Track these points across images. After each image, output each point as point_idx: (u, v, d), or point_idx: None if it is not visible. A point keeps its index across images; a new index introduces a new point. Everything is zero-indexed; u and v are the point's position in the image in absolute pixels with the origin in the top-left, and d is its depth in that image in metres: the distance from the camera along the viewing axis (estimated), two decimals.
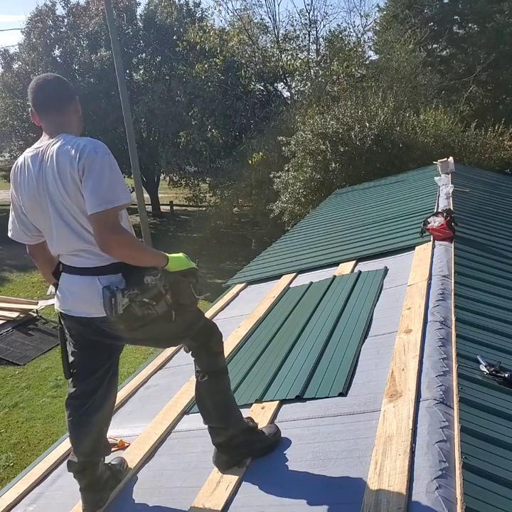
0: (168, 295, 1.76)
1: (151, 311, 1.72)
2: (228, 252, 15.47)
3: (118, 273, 1.72)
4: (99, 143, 1.68)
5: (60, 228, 1.72)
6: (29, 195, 1.74)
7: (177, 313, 1.80)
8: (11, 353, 8.12)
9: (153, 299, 1.71)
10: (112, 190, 1.63)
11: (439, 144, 10.85)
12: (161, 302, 1.73)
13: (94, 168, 1.61)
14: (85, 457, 1.87)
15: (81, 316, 1.76)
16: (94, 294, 1.70)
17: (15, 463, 5.43)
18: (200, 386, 1.98)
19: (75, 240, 1.71)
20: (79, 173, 1.61)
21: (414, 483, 1.53)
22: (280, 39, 17.12)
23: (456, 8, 17.79)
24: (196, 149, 15.87)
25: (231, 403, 2.02)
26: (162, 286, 1.74)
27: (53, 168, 1.65)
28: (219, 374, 1.98)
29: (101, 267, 1.72)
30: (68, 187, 1.64)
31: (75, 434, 1.87)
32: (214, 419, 1.97)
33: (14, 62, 19.01)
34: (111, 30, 10.72)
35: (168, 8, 18.52)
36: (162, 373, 3.22)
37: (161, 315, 1.74)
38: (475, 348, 2.32)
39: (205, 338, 1.96)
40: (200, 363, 1.98)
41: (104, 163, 1.63)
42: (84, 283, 1.74)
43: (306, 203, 10.72)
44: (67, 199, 1.66)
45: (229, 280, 5.13)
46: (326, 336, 2.82)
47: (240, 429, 1.97)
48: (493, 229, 4.55)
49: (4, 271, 13.52)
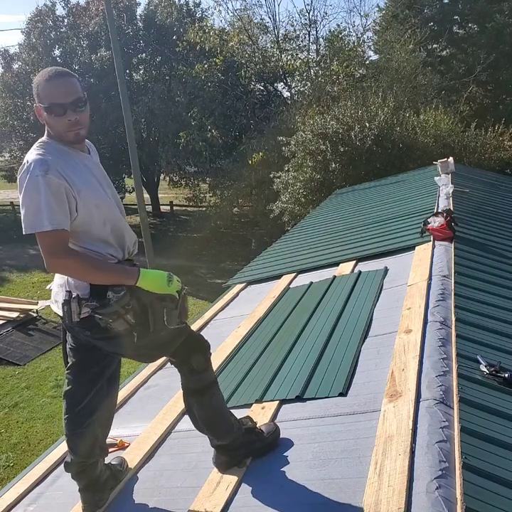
0: (129, 315, 1.66)
1: (110, 326, 1.66)
2: (228, 252, 15.47)
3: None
4: (40, 162, 1.59)
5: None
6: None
7: (139, 334, 1.70)
8: (11, 353, 8.12)
9: (108, 316, 1.64)
10: (35, 215, 1.57)
11: (439, 144, 10.85)
12: (120, 321, 1.66)
13: (22, 190, 1.59)
14: (80, 458, 1.86)
15: (59, 315, 1.80)
16: (60, 297, 1.74)
17: (15, 463, 5.43)
18: (187, 400, 1.96)
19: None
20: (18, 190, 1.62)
21: (414, 483, 1.53)
22: (280, 39, 17.12)
23: (456, 8, 17.79)
24: (196, 149, 15.86)
25: (219, 416, 1.95)
26: (123, 305, 1.65)
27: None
28: (204, 392, 1.91)
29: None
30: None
31: (70, 433, 1.85)
32: (203, 430, 1.97)
33: (14, 62, 19.01)
34: (111, 30, 10.72)
35: (168, 8, 18.52)
36: (162, 373, 3.21)
37: (121, 332, 1.67)
38: (475, 348, 2.32)
39: (185, 356, 1.88)
40: (184, 379, 1.93)
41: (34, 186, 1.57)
42: (58, 284, 1.79)
43: (306, 203, 10.72)
44: None
45: (229, 280, 5.13)
46: (326, 336, 2.82)
47: (232, 438, 1.94)
48: (493, 229, 4.55)
49: (4, 271, 13.52)
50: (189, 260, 14.08)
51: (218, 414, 1.95)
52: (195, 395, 1.92)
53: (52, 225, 1.57)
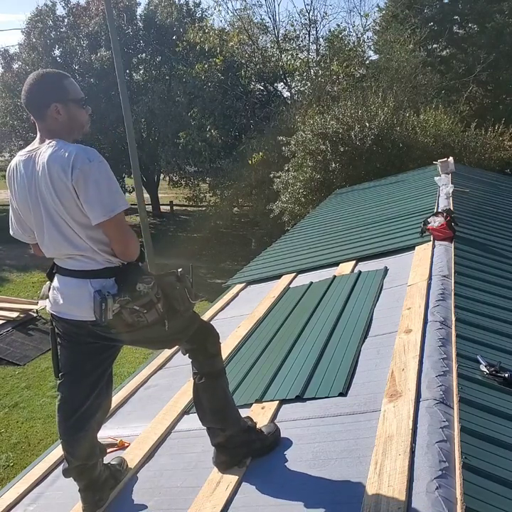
0: (159, 304, 1.74)
1: (141, 318, 1.70)
2: (228, 252, 15.47)
3: (111, 278, 1.71)
4: (91, 150, 1.65)
5: (52, 234, 1.71)
6: (21, 199, 1.74)
7: (169, 320, 1.78)
8: (11, 353, 8.12)
9: (143, 307, 1.69)
10: (113, 197, 1.64)
11: (439, 144, 10.85)
12: (152, 311, 1.71)
13: (91, 178, 1.59)
14: (80, 461, 1.86)
15: (73, 319, 1.75)
16: (85, 298, 1.68)
17: (15, 463, 5.43)
18: (197, 387, 1.98)
19: (67, 246, 1.71)
20: (73, 183, 1.59)
21: (414, 483, 1.53)
22: (280, 39, 17.12)
23: (456, 8, 17.79)
24: (196, 149, 15.86)
25: (229, 404, 2.00)
26: (154, 294, 1.72)
27: (46, 176, 1.62)
28: (216, 375, 1.97)
29: (94, 271, 1.71)
30: (62, 197, 1.62)
31: (69, 438, 1.84)
32: (211, 421, 1.97)
33: (14, 62, 19.02)
34: (111, 30, 10.72)
35: (168, 8, 18.52)
36: (162, 373, 3.21)
37: (151, 323, 1.73)
38: (475, 348, 2.32)
39: (201, 340, 1.95)
40: (197, 365, 1.97)
41: (100, 171, 1.61)
42: (76, 286, 1.73)
43: (306, 203, 10.72)
44: (60, 208, 1.64)
45: (229, 280, 5.13)
46: (326, 335, 2.82)
47: (238, 430, 1.97)
48: (493, 229, 4.55)
49: (4, 271, 13.52)
50: (189, 260, 14.05)
51: (229, 401, 2.01)
52: (209, 379, 1.95)
53: (126, 204, 1.68)
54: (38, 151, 1.69)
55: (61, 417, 1.85)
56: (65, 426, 1.84)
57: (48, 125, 1.73)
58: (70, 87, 1.76)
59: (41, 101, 1.71)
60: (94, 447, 1.91)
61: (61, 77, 1.77)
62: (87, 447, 1.86)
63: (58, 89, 1.74)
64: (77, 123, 1.80)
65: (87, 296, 1.68)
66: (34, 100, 1.73)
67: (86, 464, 1.88)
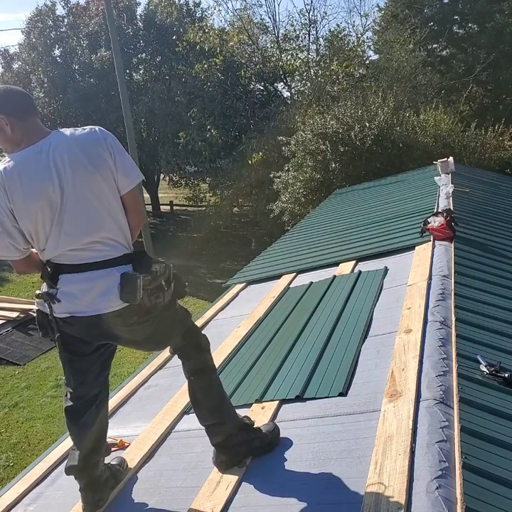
0: (173, 283, 1.86)
1: (159, 299, 1.78)
2: (228, 252, 15.47)
3: (129, 263, 1.77)
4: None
5: (80, 218, 1.68)
6: (33, 199, 1.63)
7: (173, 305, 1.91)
8: (11, 353, 8.12)
9: (163, 286, 1.79)
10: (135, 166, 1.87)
11: (439, 144, 10.85)
12: (169, 289, 1.83)
13: (119, 147, 1.78)
14: (87, 458, 1.86)
15: (91, 315, 1.70)
16: (113, 285, 1.70)
17: (15, 463, 5.43)
18: (193, 387, 2.00)
19: (96, 229, 1.71)
20: (110, 153, 1.74)
21: (414, 483, 1.53)
22: (280, 39, 17.11)
23: (456, 8, 17.79)
24: (196, 149, 15.87)
25: (225, 399, 2.04)
26: (169, 273, 1.84)
27: (76, 154, 1.68)
28: (209, 371, 2.02)
29: (116, 259, 1.75)
30: (102, 169, 1.72)
31: (82, 436, 1.85)
32: (210, 417, 1.97)
33: (14, 62, 19.02)
34: (111, 30, 10.72)
35: (168, 8, 18.51)
36: (162, 373, 3.22)
37: (166, 305, 1.82)
38: (475, 348, 2.32)
39: (195, 335, 2.03)
40: (189, 364, 2.01)
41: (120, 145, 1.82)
42: (101, 276, 1.71)
43: (306, 203, 10.72)
44: (99, 181, 1.71)
45: (229, 280, 5.13)
46: (326, 335, 2.82)
47: (236, 426, 1.98)
48: (493, 229, 4.55)
49: (4, 271, 13.51)
50: (189, 260, 14.08)
51: (224, 396, 2.05)
52: (203, 375, 1.99)
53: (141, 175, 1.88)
54: (44, 144, 1.67)
55: (75, 416, 1.86)
56: (80, 424, 1.86)
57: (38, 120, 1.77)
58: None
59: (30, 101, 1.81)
60: (101, 443, 1.92)
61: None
62: (95, 443, 1.88)
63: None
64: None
65: (115, 283, 1.70)
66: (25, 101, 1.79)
67: (90, 458, 1.87)
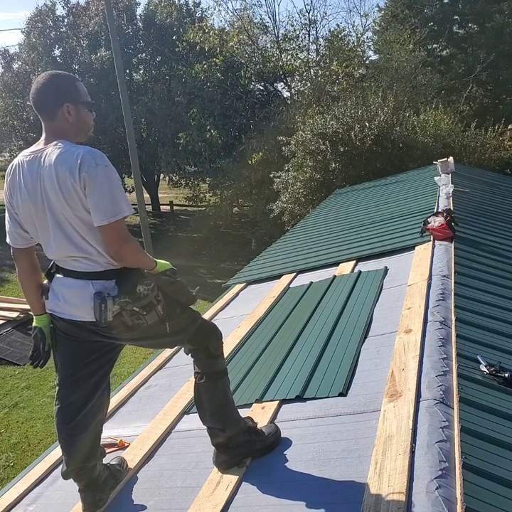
0: (159, 306, 1.76)
1: (141, 320, 1.72)
2: (228, 252, 15.46)
3: (112, 279, 1.72)
4: (99, 153, 1.66)
5: (57, 236, 1.70)
6: (24, 200, 1.71)
7: (170, 320, 1.81)
8: (11, 353, 8.11)
9: (143, 308, 1.72)
10: (115, 202, 1.63)
11: (439, 143, 10.84)
12: (152, 313, 1.74)
13: (96, 181, 1.60)
14: (80, 463, 1.86)
15: (73, 319, 1.75)
16: (86, 299, 1.69)
17: (15, 463, 5.43)
18: (198, 387, 1.97)
19: (72, 249, 1.70)
20: (80, 185, 1.59)
21: (414, 483, 1.53)
22: (280, 39, 17.10)
23: (456, 8, 17.78)
24: (196, 149, 15.86)
25: (228, 406, 1.99)
26: (154, 296, 1.75)
27: (52, 177, 1.62)
28: (217, 376, 1.97)
29: (95, 272, 1.72)
30: (69, 198, 1.62)
31: (70, 440, 1.84)
32: (211, 421, 1.96)
33: (14, 62, 18.99)
34: (111, 30, 10.72)
35: (168, 8, 18.50)
36: (162, 373, 3.21)
37: (151, 325, 1.75)
38: (475, 348, 2.32)
39: (202, 340, 1.95)
40: (199, 364, 1.97)
41: (106, 176, 1.62)
42: (78, 286, 1.73)
43: (306, 203, 10.71)
44: (67, 209, 1.64)
45: (229, 280, 5.13)
46: (326, 336, 2.82)
47: (237, 431, 1.96)
48: (493, 229, 4.55)
49: (4, 271, 13.51)
50: (189, 260, 14.08)
51: (229, 402, 2.00)
52: (210, 379, 1.94)
53: (129, 211, 1.68)
54: (43, 152, 1.68)
55: (62, 420, 1.85)
56: (67, 428, 1.84)
57: (57, 125, 1.73)
58: (81, 90, 1.80)
59: (54, 100, 1.72)
60: (95, 448, 1.91)
61: (74, 79, 1.82)
62: (88, 448, 1.86)
63: (71, 90, 1.77)
64: (85, 125, 1.83)
65: (88, 297, 1.68)
66: (46, 99, 1.73)
67: (85, 465, 1.87)
